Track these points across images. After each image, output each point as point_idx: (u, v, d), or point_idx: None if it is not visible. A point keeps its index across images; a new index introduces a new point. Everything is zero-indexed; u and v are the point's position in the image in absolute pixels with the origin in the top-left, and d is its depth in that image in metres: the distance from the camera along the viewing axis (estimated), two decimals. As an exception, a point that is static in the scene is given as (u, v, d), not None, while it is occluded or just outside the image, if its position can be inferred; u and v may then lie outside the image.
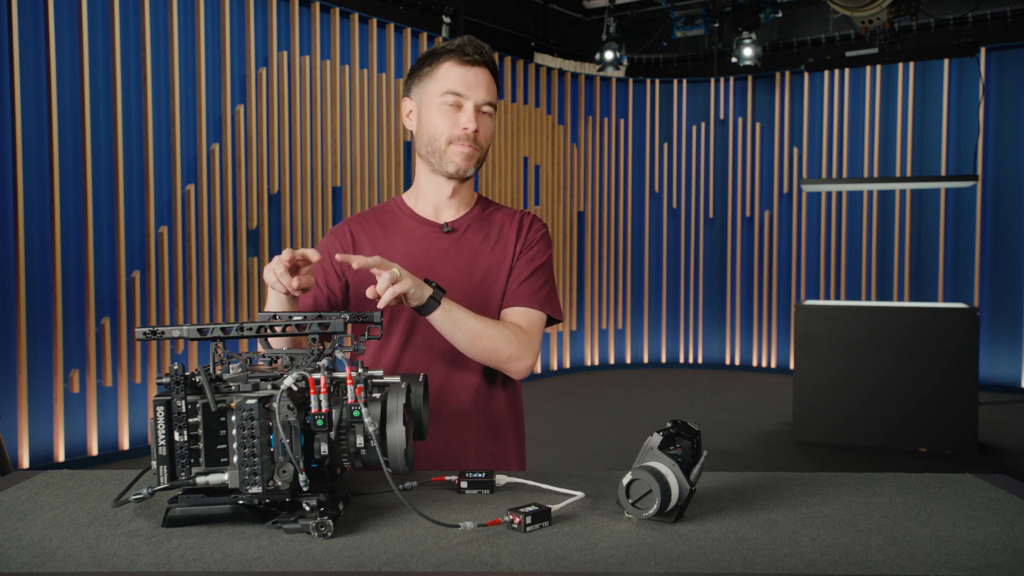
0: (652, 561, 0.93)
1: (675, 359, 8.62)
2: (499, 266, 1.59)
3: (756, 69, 8.00)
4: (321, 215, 5.99)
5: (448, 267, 1.56)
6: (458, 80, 1.54)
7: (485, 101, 1.55)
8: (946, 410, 4.92)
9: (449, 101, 1.54)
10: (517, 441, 1.65)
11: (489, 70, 1.57)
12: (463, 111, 1.54)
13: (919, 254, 7.49)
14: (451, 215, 1.63)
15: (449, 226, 1.61)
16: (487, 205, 1.68)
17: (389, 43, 6.51)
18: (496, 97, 1.60)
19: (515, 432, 1.64)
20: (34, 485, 1.25)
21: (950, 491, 1.21)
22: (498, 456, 1.59)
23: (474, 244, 1.60)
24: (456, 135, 1.54)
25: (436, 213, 1.63)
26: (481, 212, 1.65)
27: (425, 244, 1.59)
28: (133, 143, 4.92)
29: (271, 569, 0.90)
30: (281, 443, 0.98)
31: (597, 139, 8.42)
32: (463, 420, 1.55)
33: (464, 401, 1.56)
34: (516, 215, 1.66)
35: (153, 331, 1.06)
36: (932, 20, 7.17)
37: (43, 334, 4.52)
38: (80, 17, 4.64)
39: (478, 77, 1.54)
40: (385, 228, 1.62)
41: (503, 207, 1.69)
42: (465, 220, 1.62)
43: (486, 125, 1.57)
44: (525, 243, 1.62)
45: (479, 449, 1.57)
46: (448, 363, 1.55)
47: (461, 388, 1.56)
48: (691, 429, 1.11)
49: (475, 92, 1.54)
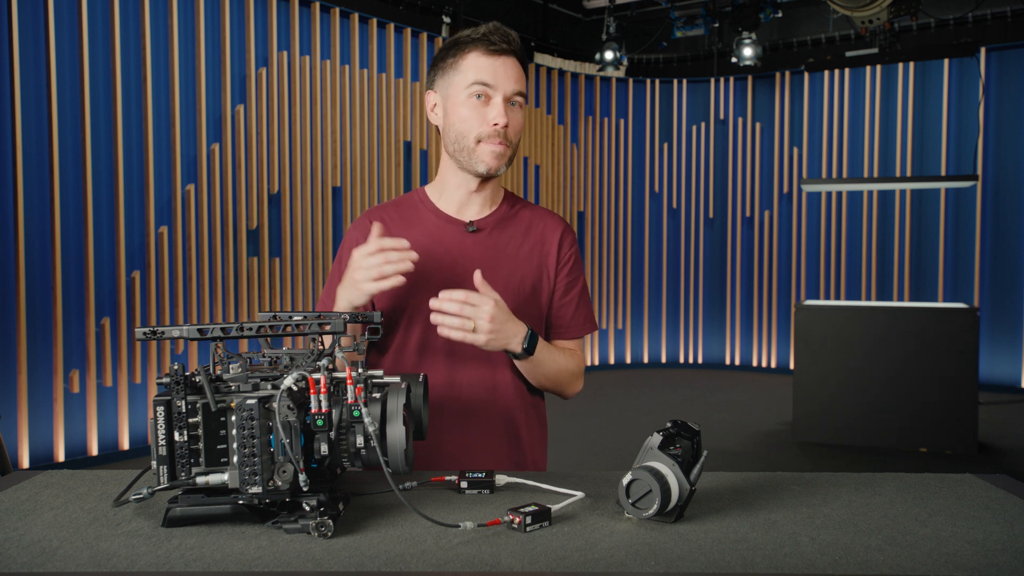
0: (652, 561, 0.93)
1: (675, 359, 8.62)
2: (526, 270, 1.54)
3: (756, 69, 8.00)
4: (321, 215, 5.99)
5: (470, 268, 1.50)
6: (485, 71, 1.45)
7: (515, 92, 1.46)
8: (946, 410, 4.92)
9: (476, 93, 1.45)
10: (541, 440, 1.62)
11: (517, 59, 1.48)
12: (492, 104, 1.45)
13: (919, 254, 7.49)
14: (476, 213, 1.56)
15: (474, 225, 1.54)
16: (515, 202, 1.61)
17: (389, 43, 6.51)
18: (525, 87, 1.50)
19: (540, 432, 1.62)
20: (34, 485, 1.25)
21: (950, 491, 1.21)
22: (520, 459, 1.55)
23: (499, 245, 1.54)
24: (485, 132, 1.45)
25: (460, 210, 1.56)
26: (508, 210, 1.58)
27: (448, 243, 1.53)
28: (133, 143, 4.92)
29: (271, 569, 0.90)
30: (281, 443, 0.98)
31: (597, 139, 8.42)
32: (482, 421, 1.52)
33: (491, 401, 1.52)
34: (550, 221, 1.60)
35: (153, 331, 1.06)
36: (932, 20, 7.17)
37: (43, 334, 4.52)
38: (80, 17, 4.64)
39: (506, 67, 1.46)
40: (408, 223, 1.55)
41: (531, 205, 1.63)
42: (491, 219, 1.56)
43: (516, 118, 1.48)
44: (564, 260, 1.57)
45: (500, 450, 1.53)
46: (466, 362, 1.51)
47: (481, 385, 1.52)
48: (691, 429, 1.11)
49: (503, 83, 1.45)
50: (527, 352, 1.40)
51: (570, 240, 1.59)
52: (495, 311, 1.32)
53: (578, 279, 1.59)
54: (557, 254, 1.56)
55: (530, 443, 1.57)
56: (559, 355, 1.50)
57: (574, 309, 1.57)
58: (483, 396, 1.51)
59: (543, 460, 1.63)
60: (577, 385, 1.58)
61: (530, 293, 1.54)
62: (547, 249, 1.56)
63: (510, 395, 1.53)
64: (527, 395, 1.56)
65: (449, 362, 1.50)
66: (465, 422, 1.51)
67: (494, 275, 1.49)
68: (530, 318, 1.53)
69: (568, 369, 1.52)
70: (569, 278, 1.58)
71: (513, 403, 1.53)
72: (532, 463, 1.58)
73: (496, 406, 1.52)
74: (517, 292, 1.52)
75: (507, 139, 1.47)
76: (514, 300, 1.50)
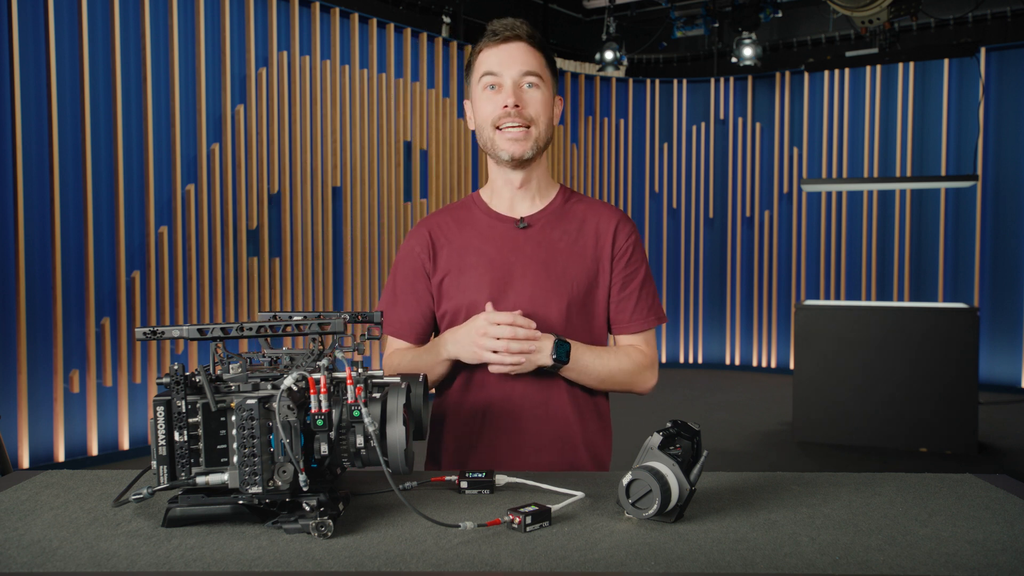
0: (652, 561, 0.93)
1: (675, 359, 8.62)
2: (581, 265, 1.52)
3: (756, 69, 8.00)
4: (321, 215, 5.99)
5: (524, 264, 1.50)
6: (491, 61, 1.47)
7: (522, 72, 1.47)
8: (946, 410, 4.92)
9: (488, 83, 1.48)
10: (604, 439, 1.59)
11: (528, 42, 1.49)
12: (502, 90, 1.47)
13: (919, 254, 7.49)
14: (527, 208, 1.55)
15: (525, 221, 1.54)
16: (569, 196, 1.59)
17: (389, 43, 6.51)
18: (543, 67, 1.49)
19: (600, 427, 1.59)
20: (34, 485, 1.25)
21: (950, 491, 1.21)
22: (575, 462, 1.53)
23: (551, 240, 1.52)
24: (498, 116, 1.46)
25: (511, 207, 1.56)
26: (562, 205, 1.57)
27: (500, 241, 1.53)
28: (133, 143, 4.92)
29: (271, 569, 0.90)
30: (281, 443, 0.98)
31: (597, 139, 8.42)
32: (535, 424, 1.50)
33: (544, 406, 1.50)
34: (604, 212, 1.56)
35: (153, 331, 1.06)
36: (932, 20, 7.17)
37: (43, 334, 4.52)
38: (80, 17, 4.64)
39: (511, 52, 1.47)
40: (461, 226, 1.56)
41: (587, 198, 1.60)
42: (543, 214, 1.55)
43: (533, 97, 1.47)
44: (621, 252, 1.54)
45: (552, 453, 1.51)
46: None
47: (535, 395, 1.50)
48: (691, 429, 1.11)
49: (509, 68, 1.46)
50: (559, 362, 1.39)
51: (627, 231, 1.55)
52: (542, 343, 1.34)
53: (638, 271, 1.55)
54: (612, 246, 1.54)
55: (586, 442, 1.53)
56: (608, 357, 1.47)
57: (635, 303, 1.53)
58: (537, 398, 1.49)
59: (606, 458, 1.59)
60: (647, 380, 1.54)
61: (585, 289, 1.52)
62: (602, 242, 1.53)
63: (564, 395, 1.50)
64: (585, 398, 1.54)
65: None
66: (520, 426, 1.49)
67: (547, 271, 1.49)
68: (586, 314, 1.51)
69: (623, 368, 1.49)
70: (628, 270, 1.54)
71: (568, 403, 1.51)
72: (592, 463, 1.55)
73: (550, 408, 1.50)
74: (571, 288, 1.50)
75: (524, 118, 1.46)
76: (567, 296, 1.49)
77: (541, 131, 1.49)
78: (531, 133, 1.48)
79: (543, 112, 1.49)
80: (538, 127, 1.48)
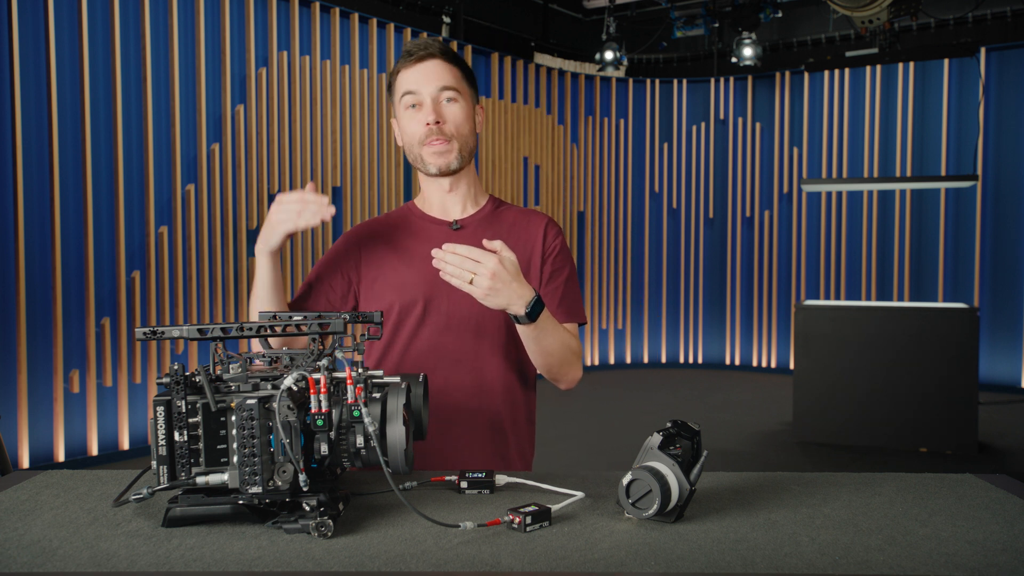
0: (652, 561, 0.93)
1: (675, 359, 8.62)
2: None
3: (756, 69, 8.00)
4: (321, 215, 5.99)
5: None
6: (409, 80, 1.54)
7: (439, 88, 1.53)
8: (946, 410, 4.92)
9: (409, 103, 1.54)
10: (530, 439, 1.64)
11: (442, 58, 1.55)
12: (423, 108, 1.53)
13: (919, 254, 7.49)
14: (459, 213, 1.62)
15: (458, 223, 1.60)
16: (499, 204, 1.67)
17: (389, 43, 6.51)
18: (459, 80, 1.56)
19: (528, 430, 1.63)
20: (34, 485, 1.25)
21: (950, 491, 1.21)
22: (506, 457, 1.57)
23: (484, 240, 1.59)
24: (422, 134, 1.53)
25: (444, 212, 1.63)
26: (492, 210, 1.64)
27: (434, 242, 1.54)
28: (133, 143, 4.92)
29: (271, 569, 0.90)
30: (281, 443, 0.98)
31: (597, 139, 8.42)
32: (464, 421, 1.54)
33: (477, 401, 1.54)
34: (533, 217, 1.63)
35: (153, 331, 1.06)
36: (932, 20, 7.17)
37: (43, 334, 4.52)
38: (80, 17, 4.64)
39: (427, 69, 1.53)
40: (395, 228, 1.63)
41: (516, 207, 1.68)
42: (475, 218, 1.62)
43: (452, 111, 1.54)
44: (549, 251, 1.60)
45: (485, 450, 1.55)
46: (453, 363, 1.54)
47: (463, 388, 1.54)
48: (691, 429, 1.11)
49: (426, 85, 1.53)
50: (529, 317, 1.39)
51: (554, 232, 1.62)
52: (497, 268, 1.32)
53: (563, 269, 1.60)
54: (543, 246, 1.60)
55: (517, 442, 1.59)
56: (562, 331, 1.50)
57: (559, 298, 1.58)
58: (471, 395, 1.54)
59: (530, 457, 1.65)
60: (576, 369, 1.56)
61: None
62: (532, 244, 1.60)
63: (497, 394, 1.55)
64: (518, 393, 1.59)
65: (435, 360, 1.53)
66: (452, 421, 1.53)
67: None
68: None
69: (569, 346, 1.51)
70: (554, 267, 1.59)
71: (501, 402, 1.56)
72: (520, 461, 1.60)
73: (483, 406, 1.54)
74: None
75: (446, 134, 1.53)
76: None
77: (463, 142, 1.57)
78: (454, 146, 1.55)
79: (464, 123, 1.56)
80: (460, 139, 1.56)
